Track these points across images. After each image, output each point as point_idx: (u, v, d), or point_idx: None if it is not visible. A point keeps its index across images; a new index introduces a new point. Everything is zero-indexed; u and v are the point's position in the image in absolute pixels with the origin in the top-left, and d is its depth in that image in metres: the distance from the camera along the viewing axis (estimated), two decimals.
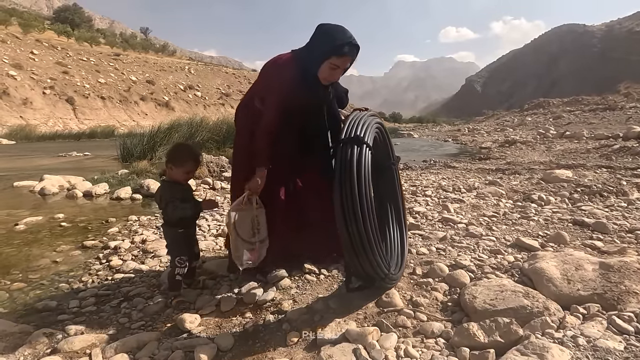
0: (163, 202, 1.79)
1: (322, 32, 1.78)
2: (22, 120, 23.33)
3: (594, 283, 1.65)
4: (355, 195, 1.50)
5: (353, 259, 1.60)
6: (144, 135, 8.19)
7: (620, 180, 4.37)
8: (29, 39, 32.98)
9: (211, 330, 1.61)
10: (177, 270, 1.86)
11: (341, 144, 1.61)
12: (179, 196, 1.81)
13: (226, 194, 4.79)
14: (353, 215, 1.50)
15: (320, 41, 1.78)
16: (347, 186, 1.51)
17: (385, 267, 1.67)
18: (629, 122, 13.71)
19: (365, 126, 1.71)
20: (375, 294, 1.78)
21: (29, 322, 1.75)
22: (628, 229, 2.61)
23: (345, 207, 1.51)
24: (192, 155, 1.90)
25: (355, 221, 1.50)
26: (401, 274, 1.94)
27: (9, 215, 3.72)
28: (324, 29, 1.78)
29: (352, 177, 1.51)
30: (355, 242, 1.53)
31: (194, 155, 1.91)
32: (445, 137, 17.68)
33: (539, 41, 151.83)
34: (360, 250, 1.55)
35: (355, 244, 1.54)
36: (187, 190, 1.90)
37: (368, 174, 1.57)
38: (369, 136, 1.68)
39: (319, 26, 1.82)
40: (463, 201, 3.72)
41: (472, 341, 1.35)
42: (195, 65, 53.37)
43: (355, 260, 1.59)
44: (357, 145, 1.59)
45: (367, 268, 1.62)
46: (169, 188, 1.81)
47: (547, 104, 26.55)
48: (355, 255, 1.57)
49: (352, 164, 1.54)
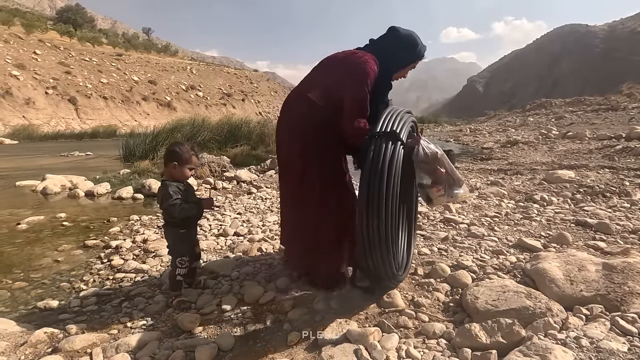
0: (165, 202, 1.78)
1: (406, 38, 1.88)
2: (25, 120, 23.41)
3: (597, 284, 1.64)
4: (383, 192, 1.47)
5: (366, 255, 1.58)
6: (147, 135, 8.22)
7: (623, 180, 4.35)
8: (32, 39, 33.08)
9: (212, 330, 1.61)
10: (177, 270, 1.86)
11: (376, 136, 1.57)
12: (182, 196, 1.81)
13: (228, 193, 4.80)
14: (377, 211, 1.47)
15: (406, 47, 1.89)
16: (375, 181, 1.47)
17: (395, 266, 1.66)
18: (632, 122, 13.65)
19: (402, 122, 1.66)
20: (376, 294, 1.78)
21: (30, 322, 1.76)
22: (631, 230, 2.59)
23: (370, 202, 1.47)
24: (193, 151, 1.92)
25: (378, 218, 1.47)
26: (405, 275, 1.94)
27: (11, 214, 3.74)
28: (408, 36, 1.88)
29: (382, 173, 1.48)
30: (372, 238, 1.51)
31: (195, 152, 1.94)
32: (447, 138, 17.64)
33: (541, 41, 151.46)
34: (375, 247, 1.52)
35: (373, 240, 1.51)
36: (189, 189, 1.90)
37: (399, 171, 1.53)
38: (404, 133, 1.63)
39: (396, 31, 1.89)
40: (465, 201, 3.71)
41: (474, 342, 1.34)
42: (197, 65, 53.46)
43: (369, 257, 1.57)
44: (392, 142, 1.55)
45: (379, 266, 1.60)
46: (172, 187, 1.80)
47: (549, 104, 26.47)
48: (370, 251, 1.55)
49: (384, 159, 1.50)
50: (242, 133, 9.80)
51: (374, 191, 1.48)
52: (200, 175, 5.56)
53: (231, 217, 3.56)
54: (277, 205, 4.02)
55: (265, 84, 58.85)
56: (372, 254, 1.56)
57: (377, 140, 1.55)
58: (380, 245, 1.53)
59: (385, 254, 1.56)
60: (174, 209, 1.76)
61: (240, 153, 8.10)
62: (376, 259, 1.57)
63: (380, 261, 1.58)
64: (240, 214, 3.71)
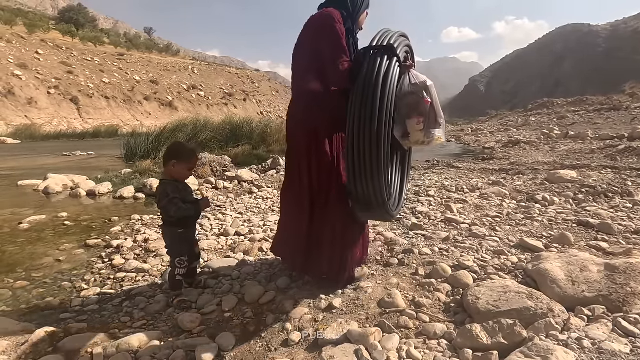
0: (162, 201, 1.78)
1: None
2: (27, 120, 23.50)
3: (599, 284, 1.63)
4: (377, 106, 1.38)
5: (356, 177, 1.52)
6: (150, 135, 8.24)
7: (626, 180, 4.33)
8: (34, 39, 33.19)
9: (212, 330, 1.61)
10: (176, 270, 1.86)
11: (371, 51, 1.48)
12: (180, 195, 1.81)
13: (229, 193, 4.80)
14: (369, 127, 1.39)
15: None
16: (369, 97, 1.39)
17: (386, 193, 1.58)
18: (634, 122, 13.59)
19: (397, 42, 1.58)
20: (377, 294, 1.77)
21: (31, 321, 1.76)
22: (634, 230, 2.58)
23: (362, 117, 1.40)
24: (194, 151, 1.94)
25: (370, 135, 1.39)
26: (398, 213, 1.87)
27: (13, 214, 3.75)
28: None
29: (376, 89, 1.39)
30: (363, 158, 1.45)
31: (195, 151, 1.95)
32: (449, 137, 17.60)
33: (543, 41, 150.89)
34: (366, 168, 1.47)
35: (363, 160, 1.46)
36: (186, 190, 1.90)
37: (394, 89, 1.44)
38: (400, 50, 1.54)
39: None
40: (466, 201, 3.70)
41: (475, 343, 1.34)
42: (199, 65, 53.50)
43: (359, 178, 1.51)
44: (387, 56, 1.46)
45: (369, 190, 1.53)
46: (170, 187, 1.80)
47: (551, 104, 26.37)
48: (360, 172, 1.49)
49: (379, 73, 1.41)
50: (243, 133, 9.81)
51: (367, 105, 1.39)
52: (202, 175, 5.56)
53: (232, 216, 3.56)
54: (278, 204, 4.02)
55: (267, 84, 58.87)
56: (361, 175, 1.49)
57: (373, 55, 1.46)
58: (371, 166, 1.45)
59: (375, 176, 1.48)
60: (170, 207, 1.77)
61: (242, 153, 8.11)
62: (366, 181, 1.50)
63: (370, 184, 1.50)
64: (241, 213, 3.71)
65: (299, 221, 1.84)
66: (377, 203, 1.60)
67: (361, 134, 1.44)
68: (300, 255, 1.87)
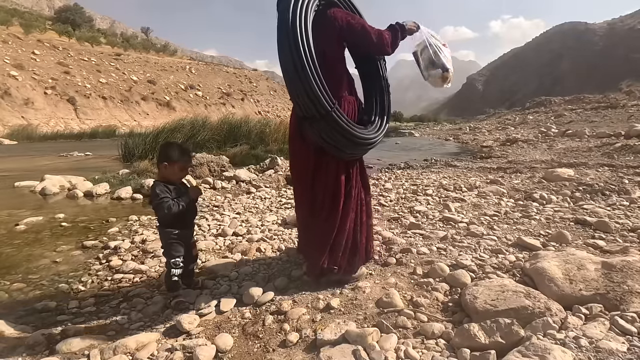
0: (153, 203, 1.77)
1: None
2: (24, 121, 23.36)
3: (597, 283, 1.63)
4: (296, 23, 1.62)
5: (291, 81, 1.65)
6: (148, 135, 8.20)
7: (623, 178, 4.35)
8: (31, 39, 32.98)
9: (210, 330, 1.61)
10: (172, 271, 1.84)
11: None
12: (170, 195, 1.78)
13: (227, 193, 4.79)
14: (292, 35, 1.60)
15: None
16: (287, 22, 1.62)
17: (328, 105, 1.66)
18: (631, 120, 13.65)
19: None
20: (375, 294, 1.77)
21: (28, 323, 1.75)
22: (630, 228, 2.59)
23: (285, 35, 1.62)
24: (185, 150, 1.91)
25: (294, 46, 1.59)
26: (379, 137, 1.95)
27: (9, 215, 3.73)
28: None
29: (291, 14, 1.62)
30: (295, 61, 1.60)
31: (188, 151, 1.93)
32: (447, 136, 17.63)
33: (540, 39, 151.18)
34: (298, 70, 1.60)
35: (295, 63, 1.60)
36: (180, 190, 1.87)
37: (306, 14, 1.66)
38: None
39: None
40: (464, 200, 3.70)
41: (473, 342, 1.34)
42: (196, 64, 53.30)
43: (295, 82, 1.63)
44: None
45: (301, 92, 1.64)
46: (158, 188, 1.77)
47: (548, 102, 26.47)
48: (295, 74, 1.62)
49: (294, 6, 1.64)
50: (241, 132, 9.79)
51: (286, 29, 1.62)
52: (200, 175, 5.55)
53: (230, 217, 3.55)
54: (276, 204, 4.02)
55: (265, 83, 58.73)
56: (298, 77, 1.62)
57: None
58: (303, 70, 1.60)
59: (309, 80, 1.60)
60: (158, 209, 1.75)
61: (240, 152, 8.09)
62: (300, 83, 1.63)
63: (303, 88, 1.63)
64: (239, 213, 3.70)
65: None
66: (319, 113, 1.67)
67: (286, 47, 1.63)
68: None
